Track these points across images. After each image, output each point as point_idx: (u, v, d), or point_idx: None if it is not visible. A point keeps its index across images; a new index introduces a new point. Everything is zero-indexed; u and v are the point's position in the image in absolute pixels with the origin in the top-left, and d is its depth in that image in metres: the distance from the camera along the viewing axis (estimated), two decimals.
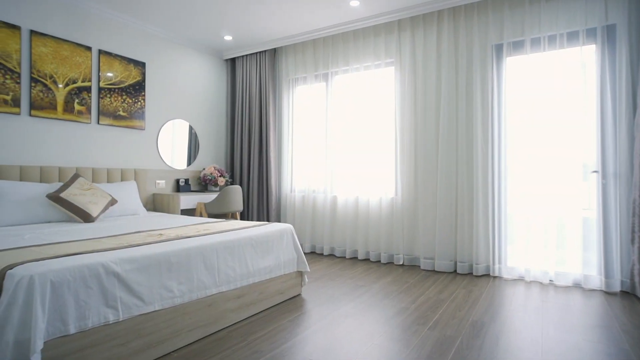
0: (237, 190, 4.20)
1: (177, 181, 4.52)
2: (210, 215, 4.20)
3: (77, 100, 3.54)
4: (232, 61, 5.25)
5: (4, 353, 1.41)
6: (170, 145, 4.49)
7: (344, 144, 4.40)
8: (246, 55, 5.00)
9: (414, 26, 3.94)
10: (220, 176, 4.73)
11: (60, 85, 3.43)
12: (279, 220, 4.91)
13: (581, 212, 3.18)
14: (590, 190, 3.20)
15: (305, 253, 4.61)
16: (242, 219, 5.00)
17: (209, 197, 4.36)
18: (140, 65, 4.10)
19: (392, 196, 4.07)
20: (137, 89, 4.08)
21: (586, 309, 2.62)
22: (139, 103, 4.10)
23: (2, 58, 3.07)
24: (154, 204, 4.23)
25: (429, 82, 3.83)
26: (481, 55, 3.57)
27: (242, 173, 5.05)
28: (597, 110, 3.10)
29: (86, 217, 3.04)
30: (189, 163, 4.73)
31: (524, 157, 3.39)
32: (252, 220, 4.90)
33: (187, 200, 4.12)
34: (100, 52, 3.73)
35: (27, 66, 3.23)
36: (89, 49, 3.63)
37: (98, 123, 3.72)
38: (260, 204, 4.90)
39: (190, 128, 4.74)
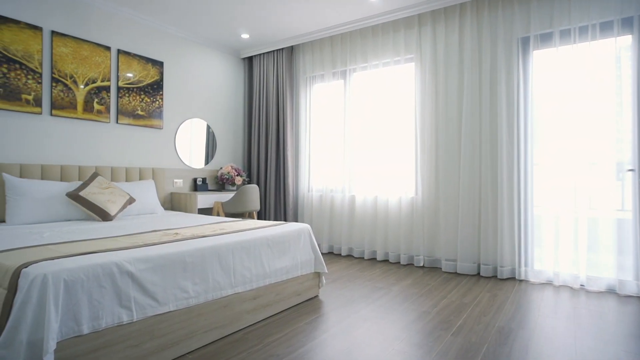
0: (254, 190, 4.17)
1: (195, 180, 4.52)
2: (228, 215, 4.18)
3: (96, 100, 3.57)
4: (250, 60, 5.22)
5: (18, 353, 1.39)
6: (187, 144, 4.50)
7: (363, 142, 4.31)
8: (263, 53, 4.96)
9: (435, 20, 3.81)
10: (237, 175, 4.71)
11: (81, 85, 3.46)
12: (296, 220, 4.85)
13: (615, 213, 3.00)
14: (624, 189, 3.01)
15: (322, 253, 4.54)
16: (259, 218, 4.97)
17: (226, 196, 4.34)
18: (159, 64, 4.12)
19: (412, 195, 3.96)
20: (155, 88, 4.09)
21: (623, 317, 2.45)
22: (157, 102, 4.11)
23: (24, 59, 3.11)
24: (172, 203, 4.24)
25: (450, 77, 3.70)
26: (506, 49, 3.42)
27: (259, 172, 5.02)
28: (633, 105, 2.91)
29: (105, 216, 3.05)
30: (207, 162, 4.73)
31: (554, 151, 3.23)
32: (269, 219, 4.86)
33: (205, 199, 4.11)
34: (119, 51, 3.75)
35: (48, 66, 3.26)
36: (108, 48, 3.66)
37: (117, 122, 3.74)
38: (277, 204, 4.86)
39: (208, 127, 4.74)
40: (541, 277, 3.26)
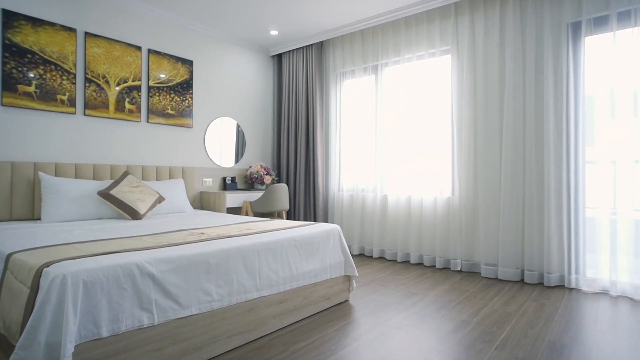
0: (283, 189, 4.08)
1: (224, 179, 4.49)
2: (256, 214, 4.12)
3: (127, 100, 3.60)
4: (279, 57, 5.15)
5: (36, 355, 1.35)
6: (217, 143, 4.48)
7: (395, 140, 4.12)
8: (292, 50, 4.88)
9: (473, 8, 3.57)
10: (266, 174, 4.65)
11: (113, 85, 3.50)
12: (326, 220, 4.73)
13: None
14: None
15: (353, 255, 4.39)
16: (288, 218, 4.89)
17: (255, 195, 4.28)
18: (188, 63, 4.12)
19: (448, 195, 3.73)
20: (185, 87, 4.09)
21: None
22: (187, 101, 4.11)
23: (59, 60, 3.18)
24: (201, 202, 4.23)
25: (490, 69, 3.45)
26: (554, 36, 3.13)
27: (288, 171, 4.94)
28: None
29: (134, 215, 3.05)
30: (236, 161, 4.70)
31: (609, 147, 2.92)
32: (298, 220, 4.77)
33: (233, 198, 4.07)
34: (149, 51, 3.77)
35: (82, 67, 3.32)
36: (139, 48, 3.68)
37: (147, 121, 3.77)
38: (307, 203, 4.75)
39: (237, 126, 4.71)
40: (595, 285, 2.95)
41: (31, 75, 3.03)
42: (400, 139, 4.08)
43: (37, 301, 1.41)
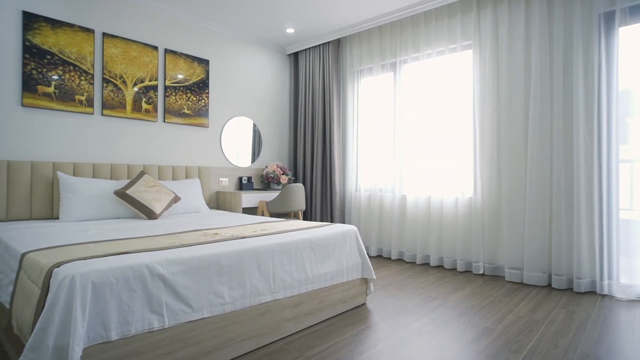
0: (299, 189, 4.02)
1: (240, 179, 4.47)
2: (272, 214, 4.07)
3: (144, 99, 3.61)
4: (295, 55, 5.10)
5: (44, 358, 1.32)
6: (233, 142, 4.46)
7: (415, 138, 4.00)
8: (309, 48, 4.81)
9: (497, 1, 3.42)
10: (282, 174, 4.60)
11: (130, 85, 3.51)
12: (343, 221, 4.64)
13: None
14: None
15: (371, 257, 4.29)
16: (305, 219, 4.83)
17: (271, 195, 4.24)
18: (204, 63, 4.11)
19: (470, 196, 3.59)
20: (201, 86, 4.08)
21: None
22: (203, 101, 4.10)
23: (78, 60, 3.20)
24: (217, 201, 4.21)
25: (515, 64, 3.30)
26: (584, 27, 2.96)
27: (305, 171, 4.88)
28: None
29: (150, 214, 3.04)
30: (252, 161, 4.67)
31: None
32: (315, 220, 4.70)
33: (249, 198, 4.03)
34: (166, 51, 3.77)
35: (99, 67, 3.34)
36: (155, 48, 3.69)
37: (164, 121, 3.77)
38: (323, 204, 4.68)
39: (254, 125, 4.67)
40: (630, 292, 2.77)
41: (51, 76, 3.06)
42: (420, 137, 3.95)
43: (47, 302, 1.39)
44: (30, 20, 2.96)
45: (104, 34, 3.35)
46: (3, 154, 2.85)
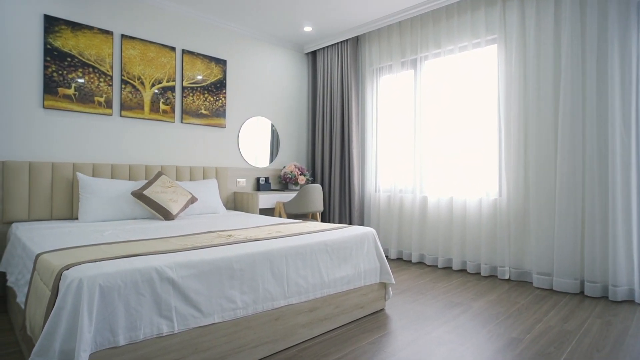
0: (316, 190, 3.95)
1: (258, 180, 4.43)
2: (289, 216, 4.02)
3: (162, 100, 3.62)
4: (313, 54, 5.03)
5: None
6: (251, 143, 4.43)
7: (436, 137, 3.86)
8: (327, 46, 4.74)
9: None
10: (300, 174, 4.54)
11: (148, 86, 3.52)
12: (362, 222, 4.54)
13: None
14: None
15: (391, 259, 4.17)
16: (323, 220, 4.75)
17: (289, 196, 4.18)
18: (222, 63, 4.09)
19: (494, 197, 3.43)
20: (219, 87, 4.07)
21: None
22: (220, 101, 4.09)
23: (97, 62, 3.23)
24: (235, 202, 4.19)
25: (543, 58, 3.12)
26: (620, 17, 2.76)
27: (323, 171, 4.80)
28: None
29: (166, 215, 3.04)
30: (270, 161, 4.63)
31: None
32: (333, 221, 4.62)
33: (266, 199, 3.98)
34: (183, 51, 3.78)
35: (118, 69, 3.36)
36: (173, 49, 3.69)
37: (181, 122, 3.77)
38: (342, 205, 4.59)
39: (271, 125, 4.63)
40: None
41: (71, 78, 3.10)
42: (441, 136, 3.81)
43: (55, 305, 1.36)
44: (51, 24, 3.00)
45: (122, 35, 3.37)
46: (25, 155, 2.90)
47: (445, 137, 3.77)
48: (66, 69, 3.07)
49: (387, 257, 4.29)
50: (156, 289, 1.50)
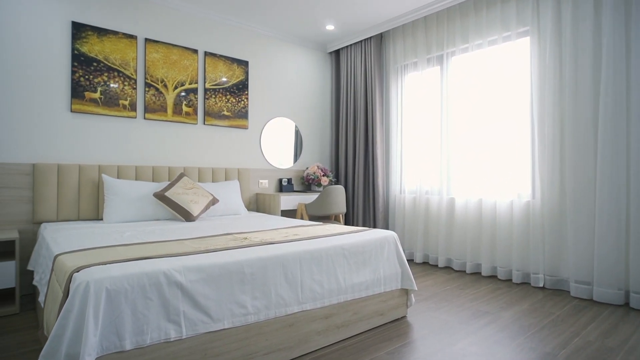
0: (339, 191, 3.86)
1: (280, 181, 4.40)
2: (311, 217, 3.96)
3: (184, 102, 3.66)
4: (336, 53, 4.95)
5: None
6: (273, 144, 4.40)
7: (464, 136, 3.69)
8: (350, 45, 4.64)
9: None
10: (323, 175, 4.47)
11: (171, 89, 3.57)
12: (387, 225, 4.41)
13: None
14: None
15: (416, 264, 4.03)
16: (346, 222, 4.66)
17: (311, 197, 4.12)
18: (244, 64, 4.09)
19: (527, 199, 3.22)
20: (241, 88, 4.07)
21: None
22: (242, 102, 4.09)
23: (122, 66, 3.30)
24: (257, 203, 4.17)
25: (581, 51, 2.89)
26: None
27: (346, 172, 4.71)
28: None
29: (187, 216, 3.05)
30: (294, 162, 4.59)
31: None
32: (357, 224, 4.51)
33: (288, 200, 3.94)
34: (205, 53, 3.80)
35: (142, 72, 3.42)
36: (195, 51, 3.72)
37: (204, 123, 3.79)
38: (366, 206, 4.48)
39: (294, 126, 4.59)
40: None
41: (97, 82, 3.17)
42: (469, 135, 3.63)
43: (63, 308, 1.36)
44: (78, 30, 3.09)
45: (146, 39, 3.43)
46: (54, 158, 3.00)
47: (473, 136, 3.59)
48: (92, 74, 3.15)
49: (412, 261, 4.15)
50: (164, 293, 1.48)
